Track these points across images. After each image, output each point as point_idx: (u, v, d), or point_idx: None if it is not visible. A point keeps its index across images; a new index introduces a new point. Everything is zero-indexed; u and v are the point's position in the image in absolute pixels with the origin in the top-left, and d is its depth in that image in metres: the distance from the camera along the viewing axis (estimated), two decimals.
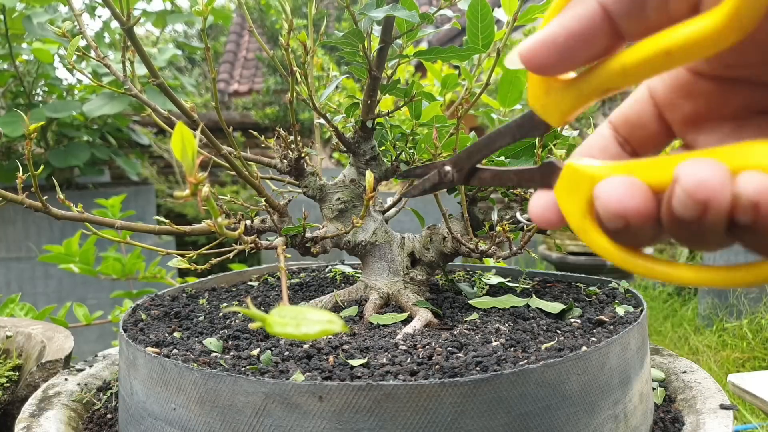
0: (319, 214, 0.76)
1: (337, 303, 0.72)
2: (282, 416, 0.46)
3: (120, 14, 0.56)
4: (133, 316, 0.72)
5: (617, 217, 0.26)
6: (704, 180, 0.23)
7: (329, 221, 0.74)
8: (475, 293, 0.77)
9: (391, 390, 0.45)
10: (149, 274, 1.51)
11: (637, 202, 0.26)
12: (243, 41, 8.03)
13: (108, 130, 2.67)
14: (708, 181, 0.23)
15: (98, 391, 0.75)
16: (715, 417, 0.60)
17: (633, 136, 0.31)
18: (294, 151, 0.72)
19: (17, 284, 2.35)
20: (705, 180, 0.23)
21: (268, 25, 4.86)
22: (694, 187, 0.24)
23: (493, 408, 0.46)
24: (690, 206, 0.24)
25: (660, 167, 0.26)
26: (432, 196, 0.56)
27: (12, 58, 2.24)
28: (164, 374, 0.52)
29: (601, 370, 0.52)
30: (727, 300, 2.64)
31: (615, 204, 0.26)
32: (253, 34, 0.68)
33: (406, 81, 0.63)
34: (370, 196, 0.58)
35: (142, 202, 2.65)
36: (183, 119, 0.65)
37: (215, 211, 0.40)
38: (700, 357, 2.36)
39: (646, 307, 0.67)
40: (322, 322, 0.28)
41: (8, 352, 0.92)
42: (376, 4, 0.60)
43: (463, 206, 0.70)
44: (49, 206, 0.65)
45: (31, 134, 0.60)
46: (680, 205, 0.24)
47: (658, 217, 0.26)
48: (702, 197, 0.23)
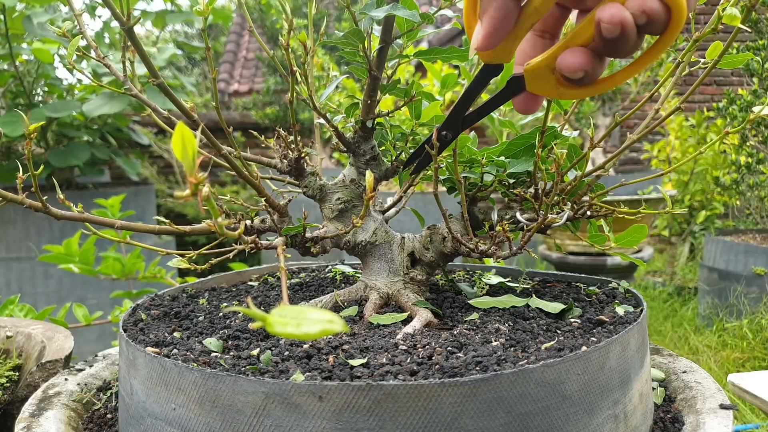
0: (319, 214, 0.76)
1: (337, 303, 0.72)
2: (282, 416, 0.46)
3: (120, 14, 0.56)
4: (133, 316, 0.72)
5: (576, 69, 0.45)
6: (614, 11, 0.41)
7: (329, 221, 0.74)
8: (475, 293, 0.77)
9: (390, 390, 0.45)
10: (149, 274, 1.51)
11: (579, 56, 0.45)
12: (243, 41, 8.03)
13: (108, 130, 2.67)
14: (615, 9, 0.41)
15: (98, 391, 0.75)
16: (715, 417, 0.60)
17: (547, 25, 0.50)
18: (294, 151, 0.72)
19: (17, 284, 2.35)
20: (614, 11, 0.41)
21: (268, 25, 4.86)
22: (610, 16, 0.41)
23: (492, 408, 0.46)
24: (613, 29, 0.41)
25: (576, 35, 0.45)
26: (432, 196, 0.58)
27: (12, 58, 2.24)
28: (164, 374, 0.52)
29: (601, 370, 0.52)
30: (727, 300, 2.64)
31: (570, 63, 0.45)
32: (253, 34, 0.68)
33: (406, 81, 0.63)
34: (370, 196, 0.58)
35: (142, 202, 2.65)
36: (183, 119, 0.65)
37: (215, 211, 0.40)
38: (700, 357, 2.36)
39: (646, 307, 0.67)
40: (322, 322, 0.28)
41: (8, 352, 0.92)
42: (376, 4, 0.61)
43: (462, 206, 0.70)
44: (49, 206, 0.64)
45: (31, 134, 0.60)
46: (608, 32, 0.42)
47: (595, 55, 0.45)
48: (617, 20, 0.41)
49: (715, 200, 3.65)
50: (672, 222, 3.86)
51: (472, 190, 0.74)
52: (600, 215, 0.73)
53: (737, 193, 3.00)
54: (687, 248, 3.94)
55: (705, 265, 2.82)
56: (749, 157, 2.75)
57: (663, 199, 1.68)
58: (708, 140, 3.37)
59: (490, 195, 0.76)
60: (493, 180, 0.73)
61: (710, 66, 0.64)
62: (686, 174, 3.55)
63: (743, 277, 2.56)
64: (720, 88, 5.07)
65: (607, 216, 0.73)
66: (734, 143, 2.74)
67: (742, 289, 2.57)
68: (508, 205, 0.76)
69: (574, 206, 0.71)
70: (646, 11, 0.41)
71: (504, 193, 0.75)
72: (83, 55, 0.73)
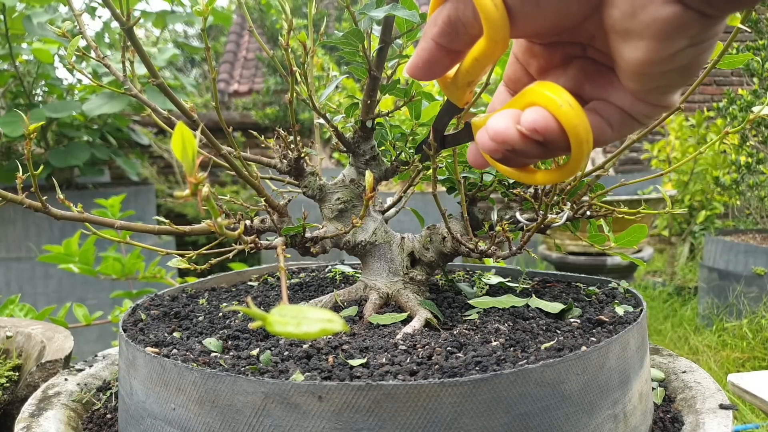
0: (319, 214, 0.76)
1: (336, 303, 0.72)
2: (281, 416, 0.46)
3: (120, 14, 0.56)
4: (133, 316, 0.72)
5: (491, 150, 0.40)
6: (496, 129, 0.37)
7: (329, 221, 0.74)
8: (474, 293, 0.77)
9: (390, 390, 0.45)
10: (149, 274, 1.51)
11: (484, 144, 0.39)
12: (243, 41, 8.02)
13: (108, 130, 2.67)
14: (498, 127, 0.37)
15: (98, 391, 0.75)
16: (714, 417, 0.60)
17: (517, 86, 0.45)
18: (294, 151, 0.72)
19: (17, 284, 2.35)
20: (496, 128, 0.37)
21: (268, 25, 4.86)
22: (494, 135, 0.37)
23: (492, 408, 0.46)
24: (494, 146, 0.38)
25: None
26: (432, 196, 0.58)
27: (12, 58, 2.24)
28: (164, 374, 0.52)
29: (601, 370, 0.52)
30: (727, 300, 2.64)
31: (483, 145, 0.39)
32: (253, 34, 0.68)
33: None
34: (369, 196, 0.58)
35: (142, 202, 2.65)
36: (183, 119, 0.65)
37: (215, 211, 0.40)
38: (700, 357, 2.36)
39: (646, 307, 0.67)
40: (322, 321, 0.28)
41: (8, 352, 0.92)
42: (376, 4, 0.61)
43: (462, 206, 0.70)
44: (49, 206, 0.65)
45: (31, 134, 0.60)
46: (489, 149, 0.38)
47: None
48: (500, 139, 0.37)
49: (715, 200, 3.65)
50: (672, 222, 3.86)
51: (471, 190, 0.74)
52: (600, 215, 0.73)
53: (737, 193, 3.00)
54: (687, 248, 3.94)
55: (705, 265, 2.82)
56: (749, 157, 2.75)
57: (663, 199, 1.68)
58: (708, 140, 3.37)
59: (490, 195, 0.76)
60: (492, 180, 0.73)
61: (710, 66, 0.64)
62: (686, 174, 3.55)
63: (743, 276, 2.56)
64: (720, 88, 5.07)
65: (607, 216, 0.73)
66: (734, 143, 2.74)
67: (742, 289, 2.57)
68: (507, 205, 0.76)
69: (574, 206, 0.71)
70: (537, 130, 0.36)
71: (504, 193, 0.75)
72: (83, 55, 0.73)
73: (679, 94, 0.37)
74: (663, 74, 0.34)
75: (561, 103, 0.35)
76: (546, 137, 0.36)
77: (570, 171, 0.39)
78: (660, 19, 0.31)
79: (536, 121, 0.36)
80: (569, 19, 0.35)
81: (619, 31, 0.33)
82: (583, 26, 0.36)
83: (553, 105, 0.36)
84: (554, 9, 0.34)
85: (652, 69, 0.33)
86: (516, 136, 0.36)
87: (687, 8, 0.31)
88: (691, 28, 0.32)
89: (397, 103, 0.72)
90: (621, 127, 0.38)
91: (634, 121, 0.38)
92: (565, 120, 0.35)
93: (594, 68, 0.39)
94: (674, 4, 0.31)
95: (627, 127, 0.38)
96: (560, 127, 0.36)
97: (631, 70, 0.34)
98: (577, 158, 0.37)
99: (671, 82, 0.35)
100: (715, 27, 0.32)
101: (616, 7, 0.33)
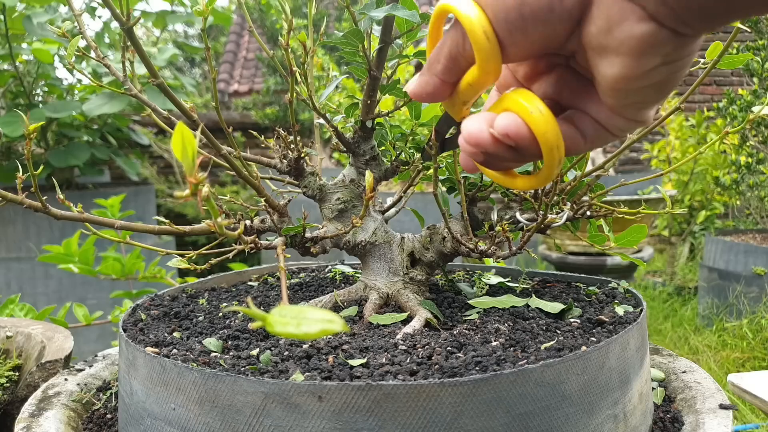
0: (319, 214, 0.76)
1: (336, 303, 0.72)
2: (281, 416, 0.46)
3: (120, 14, 0.56)
4: (133, 316, 0.72)
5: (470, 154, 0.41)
6: (470, 131, 0.39)
7: (329, 221, 0.74)
8: (474, 293, 0.77)
9: (390, 390, 0.45)
10: (149, 274, 1.51)
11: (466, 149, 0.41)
12: (243, 41, 8.02)
13: (108, 130, 2.67)
14: (472, 130, 0.38)
15: (98, 391, 0.75)
16: (714, 417, 0.60)
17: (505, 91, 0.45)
18: (294, 151, 0.72)
19: (17, 284, 2.35)
20: (470, 131, 0.39)
21: (268, 25, 4.86)
22: (467, 137, 0.39)
23: (492, 408, 0.46)
24: (470, 149, 0.39)
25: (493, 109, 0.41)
26: (432, 196, 0.58)
27: (12, 58, 2.24)
28: (164, 374, 0.52)
29: (601, 370, 0.52)
30: (727, 300, 2.64)
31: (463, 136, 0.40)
32: (253, 34, 0.68)
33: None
34: (369, 196, 0.58)
35: (142, 202, 2.65)
36: (183, 119, 0.65)
37: (215, 211, 0.40)
38: (700, 357, 2.36)
39: (646, 307, 0.67)
40: (322, 321, 0.28)
41: (8, 352, 0.92)
42: (376, 4, 0.61)
43: (462, 206, 0.70)
44: (49, 206, 0.65)
45: (31, 134, 0.60)
46: (466, 151, 0.40)
47: None
48: (473, 142, 0.38)
49: (715, 200, 3.65)
50: (672, 222, 3.86)
51: (471, 190, 0.74)
52: (600, 215, 0.73)
53: (737, 193, 3.00)
54: (687, 248, 3.94)
55: (705, 265, 2.82)
56: (749, 157, 2.75)
57: (663, 199, 1.68)
58: (708, 140, 3.37)
59: (490, 195, 0.76)
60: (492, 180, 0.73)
61: (710, 66, 0.64)
62: (686, 174, 3.55)
63: (743, 276, 2.56)
64: (720, 88, 5.07)
65: (607, 216, 0.73)
66: (734, 143, 2.74)
67: (742, 289, 2.57)
68: (507, 205, 0.76)
69: (574, 206, 0.71)
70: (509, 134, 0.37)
71: (503, 193, 0.75)
72: (83, 55, 0.73)
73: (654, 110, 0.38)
74: (638, 90, 0.35)
75: (532, 110, 0.37)
76: (517, 142, 0.37)
77: (545, 177, 0.40)
78: (635, 36, 0.32)
79: (508, 126, 0.37)
80: (555, 40, 0.36)
81: (595, 47, 0.34)
82: (566, 43, 0.37)
83: (525, 111, 0.37)
84: (541, 34, 0.35)
85: (628, 85, 0.34)
86: (488, 139, 0.38)
87: (661, 26, 0.32)
88: (665, 46, 0.32)
89: (397, 103, 0.72)
90: (595, 138, 0.39)
91: (609, 134, 0.39)
92: (535, 126, 0.37)
93: (575, 78, 0.40)
94: (649, 22, 0.32)
95: (601, 139, 0.39)
96: (531, 133, 0.37)
97: (608, 85, 0.35)
98: (549, 164, 0.38)
99: (646, 98, 0.36)
100: (689, 46, 0.33)
101: (593, 23, 0.34)
